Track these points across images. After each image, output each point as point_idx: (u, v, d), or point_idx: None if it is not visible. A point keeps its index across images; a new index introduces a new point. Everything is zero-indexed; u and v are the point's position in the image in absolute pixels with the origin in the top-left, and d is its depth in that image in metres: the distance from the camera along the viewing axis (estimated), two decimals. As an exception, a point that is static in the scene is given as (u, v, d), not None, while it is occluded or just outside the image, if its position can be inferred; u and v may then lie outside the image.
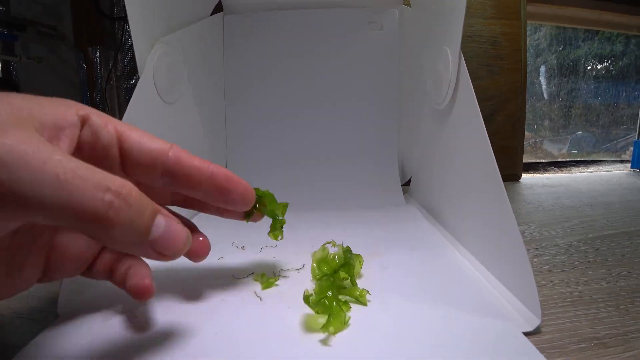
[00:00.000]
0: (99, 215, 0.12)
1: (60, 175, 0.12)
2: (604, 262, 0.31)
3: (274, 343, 0.19)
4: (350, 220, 0.40)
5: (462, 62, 0.31)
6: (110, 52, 0.71)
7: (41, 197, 0.11)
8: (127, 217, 0.13)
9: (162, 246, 0.14)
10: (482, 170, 0.28)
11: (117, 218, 0.13)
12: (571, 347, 0.20)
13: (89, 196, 0.12)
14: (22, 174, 0.11)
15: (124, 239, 0.13)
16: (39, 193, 0.11)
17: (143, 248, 0.14)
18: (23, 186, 0.11)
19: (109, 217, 0.12)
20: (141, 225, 0.14)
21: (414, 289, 0.24)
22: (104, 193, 0.12)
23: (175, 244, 0.15)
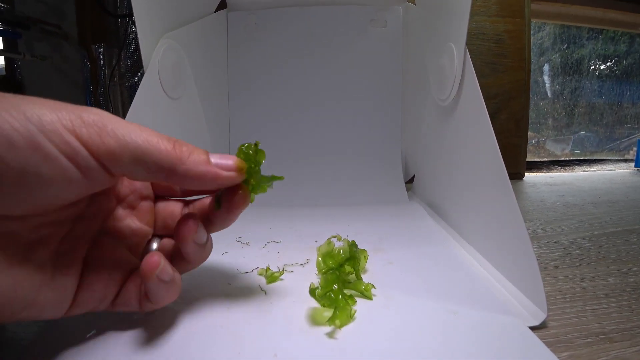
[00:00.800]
0: (169, 150, 0.16)
1: (142, 128, 0.16)
2: (609, 258, 0.31)
3: (280, 336, 0.19)
4: (354, 217, 0.40)
5: (468, 58, 0.31)
6: (113, 49, 0.71)
7: (133, 138, 0.15)
8: (188, 150, 0.17)
9: (225, 165, 0.18)
10: (488, 167, 0.28)
11: (181, 151, 0.17)
12: (578, 341, 0.20)
13: (161, 139, 0.16)
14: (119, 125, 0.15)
15: (195, 168, 0.17)
16: (131, 135, 0.15)
17: (212, 169, 0.18)
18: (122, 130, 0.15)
19: (175, 149, 0.16)
20: (201, 154, 0.17)
21: (419, 285, 0.24)
22: (167, 139, 0.17)
23: (232, 161, 0.18)
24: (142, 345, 0.18)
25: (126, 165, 0.15)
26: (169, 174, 0.16)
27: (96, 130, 0.15)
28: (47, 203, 0.15)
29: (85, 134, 0.14)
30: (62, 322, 0.20)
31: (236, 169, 0.18)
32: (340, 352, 0.17)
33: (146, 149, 0.16)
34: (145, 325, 0.20)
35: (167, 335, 0.19)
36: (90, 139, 0.15)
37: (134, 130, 0.16)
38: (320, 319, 0.20)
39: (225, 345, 0.18)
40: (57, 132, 0.14)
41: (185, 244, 0.19)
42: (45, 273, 0.16)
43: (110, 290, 0.18)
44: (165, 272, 0.18)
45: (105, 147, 0.15)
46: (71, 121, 0.14)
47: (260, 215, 0.41)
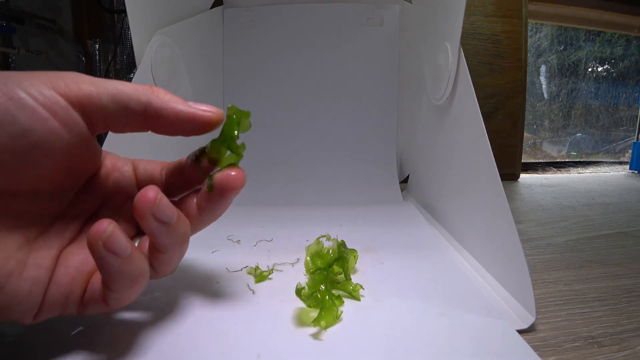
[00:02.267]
0: (147, 90, 0.17)
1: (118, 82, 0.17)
2: (601, 261, 0.31)
3: (265, 336, 0.19)
4: (347, 217, 0.39)
5: (462, 57, 0.31)
6: (109, 45, 0.70)
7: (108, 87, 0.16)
8: (166, 93, 0.18)
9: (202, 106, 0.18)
10: (480, 167, 0.28)
11: (157, 90, 0.17)
12: (565, 345, 0.19)
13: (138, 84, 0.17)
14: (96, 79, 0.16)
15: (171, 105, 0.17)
16: (106, 84, 0.16)
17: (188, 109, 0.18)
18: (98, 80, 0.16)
19: (154, 92, 0.17)
20: (179, 97, 0.18)
21: (408, 286, 0.24)
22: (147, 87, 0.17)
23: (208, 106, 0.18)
24: (126, 343, 0.18)
25: (105, 107, 0.16)
26: (148, 111, 0.17)
27: (73, 80, 0.15)
28: (33, 161, 0.15)
29: (62, 85, 0.15)
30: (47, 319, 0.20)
31: (214, 111, 0.18)
32: (325, 353, 0.17)
33: (122, 89, 0.16)
34: (130, 324, 0.19)
35: (151, 334, 0.18)
36: (68, 88, 0.15)
37: (110, 81, 0.16)
38: (306, 320, 0.20)
39: (209, 345, 0.18)
40: (34, 85, 0.14)
41: (144, 220, 0.16)
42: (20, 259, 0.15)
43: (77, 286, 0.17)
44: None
45: (82, 91, 0.15)
46: (47, 77, 0.15)
47: (252, 214, 0.41)
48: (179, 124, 0.18)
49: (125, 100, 0.16)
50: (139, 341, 0.18)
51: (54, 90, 0.15)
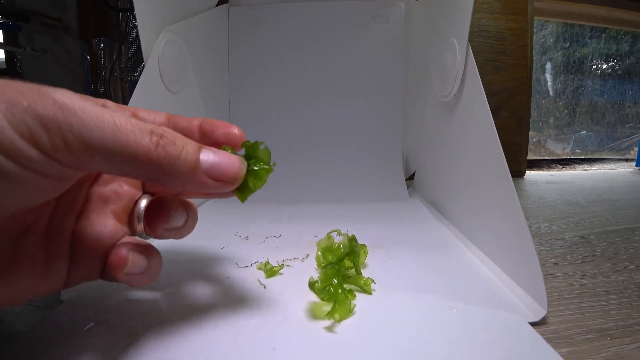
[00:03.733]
0: (149, 153, 0.14)
1: (117, 122, 0.13)
2: (610, 256, 0.31)
3: (279, 330, 0.19)
4: (353, 213, 0.39)
5: (470, 53, 0.31)
6: (114, 43, 0.70)
7: (103, 140, 0.13)
8: (173, 152, 0.14)
9: (218, 172, 0.16)
10: (490, 163, 0.28)
11: (164, 153, 0.14)
12: (578, 337, 0.19)
13: (139, 137, 0.14)
14: (88, 120, 0.13)
15: (179, 174, 0.15)
16: (101, 136, 0.13)
17: (200, 179, 0.15)
18: (90, 130, 0.13)
19: (158, 153, 0.14)
20: (189, 157, 0.15)
21: (419, 280, 0.24)
22: (150, 135, 0.14)
23: (229, 167, 0.16)
24: (139, 338, 0.18)
25: (99, 167, 0.13)
26: (150, 179, 0.15)
27: (56, 131, 0.12)
28: (25, 205, 0.14)
29: (45, 140, 0.12)
30: (59, 315, 0.20)
31: (230, 179, 0.16)
32: (339, 346, 0.17)
33: (120, 154, 0.13)
34: (144, 318, 0.20)
35: (164, 328, 0.19)
36: (51, 145, 0.12)
37: (105, 127, 0.13)
38: (320, 313, 0.20)
39: (223, 339, 0.18)
40: (10, 144, 0.12)
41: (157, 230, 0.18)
42: (38, 263, 0.15)
43: (97, 264, 0.17)
44: (136, 266, 0.17)
45: (69, 151, 0.13)
46: (25, 124, 0.12)
47: (259, 211, 0.41)
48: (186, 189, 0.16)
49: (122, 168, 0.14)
50: (153, 335, 0.18)
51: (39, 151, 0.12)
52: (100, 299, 0.21)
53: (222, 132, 0.19)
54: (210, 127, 0.19)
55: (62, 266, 0.16)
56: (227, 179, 0.16)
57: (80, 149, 0.13)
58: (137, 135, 0.13)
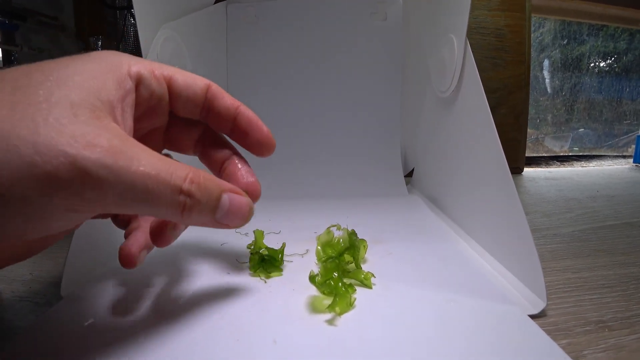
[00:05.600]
0: (175, 213, 0.15)
1: (148, 182, 0.14)
2: (608, 250, 0.31)
3: (279, 323, 0.19)
4: (353, 209, 0.40)
5: (468, 49, 0.31)
6: (112, 42, 0.70)
7: (133, 197, 0.14)
8: (197, 209, 0.15)
9: (228, 220, 0.17)
10: (489, 158, 0.28)
11: (188, 213, 0.15)
12: (576, 329, 0.20)
13: (169, 199, 0.14)
14: (120, 177, 0.13)
15: (194, 222, 0.16)
16: (132, 193, 0.13)
17: (211, 224, 0.17)
18: (120, 187, 0.13)
19: (182, 213, 0.15)
20: (208, 210, 0.16)
21: (418, 274, 0.24)
22: (178, 195, 0.15)
23: (239, 216, 0.17)
24: (140, 333, 0.18)
25: (112, 211, 0.14)
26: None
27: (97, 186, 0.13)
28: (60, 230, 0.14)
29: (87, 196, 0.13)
30: (58, 311, 0.20)
31: (242, 223, 0.18)
32: (340, 339, 0.17)
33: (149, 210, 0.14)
34: (143, 313, 0.20)
35: (165, 323, 0.19)
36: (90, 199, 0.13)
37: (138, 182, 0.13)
38: (320, 307, 0.20)
39: (224, 332, 0.18)
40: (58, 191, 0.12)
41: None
42: None
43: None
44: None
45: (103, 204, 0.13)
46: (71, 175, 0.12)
47: (258, 207, 0.41)
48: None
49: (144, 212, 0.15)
50: (153, 330, 0.18)
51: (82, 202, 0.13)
52: (99, 295, 0.21)
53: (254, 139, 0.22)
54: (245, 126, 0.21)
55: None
56: (234, 225, 0.17)
57: (112, 205, 0.13)
58: (168, 196, 0.14)
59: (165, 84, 0.19)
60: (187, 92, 0.19)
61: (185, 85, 0.19)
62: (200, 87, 0.20)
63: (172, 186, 0.14)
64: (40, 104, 0.13)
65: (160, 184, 0.14)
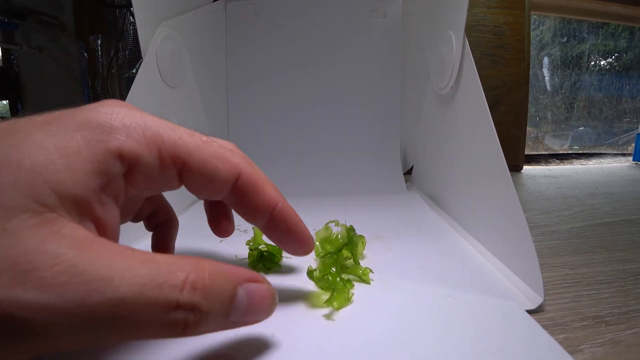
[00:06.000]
0: (173, 333, 0.11)
1: (121, 312, 0.10)
2: (606, 247, 0.31)
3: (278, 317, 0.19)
4: (352, 206, 0.40)
5: (467, 46, 0.31)
6: (111, 41, 0.70)
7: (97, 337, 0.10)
8: (203, 323, 0.11)
9: (247, 320, 0.13)
10: (487, 155, 0.28)
11: (192, 329, 0.11)
12: (574, 324, 0.20)
13: (159, 321, 0.10)
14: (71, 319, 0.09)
15: (202, 333, 0.12)
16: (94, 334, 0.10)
17: (225, 329, 0.13)
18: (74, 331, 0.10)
19: (184, 332, 0.11)
20: (219, 317, 0.12)
21: (417, 270, 0.24)
22: (175, 312, 0.11)
23: (261, 312, 0.14)
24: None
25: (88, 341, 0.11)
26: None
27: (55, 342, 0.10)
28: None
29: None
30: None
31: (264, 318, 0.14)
32: (338, 333, 0.18)
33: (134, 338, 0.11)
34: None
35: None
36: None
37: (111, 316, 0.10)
38: (318, 302, 0.20)
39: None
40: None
41: None
42: None
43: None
44: None
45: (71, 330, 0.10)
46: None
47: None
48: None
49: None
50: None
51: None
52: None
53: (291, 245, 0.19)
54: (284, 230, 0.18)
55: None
56: (254, 322, 0.14)
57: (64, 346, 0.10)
58: (158, 318, 0.10)
59: (173, 167, 0.14)
60: (204, 179, 0.15)
61: (201, 171, 0.15)
62: (226, 174, 0.16)
63: (162, 304, 0.10)
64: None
65: (143, 308, 0.10)
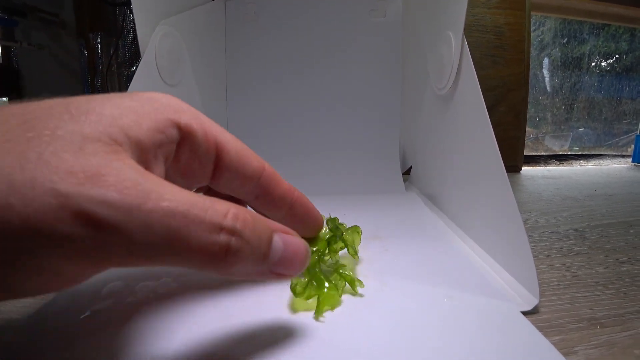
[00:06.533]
0: (215, 260, 0.11)
1: (172, 222, 0.10)
2: (604, 248, 0.31)
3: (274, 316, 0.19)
4: (350, 206, 0.40)
5: (465, 46, 0.31)
6: (111, 38, 0.70)
7: (151, 245, 0.10)
8: (244, 254, 0.12)
9: (283, 268, 0.14)
10: (484, 155, 0.28)
11: (234, 258, 0.12)
12: (569, 326, 0.20)
13: (204, 241, 0.11)
14: (131, 218, 0.10)
15: (242, 272, 0.13)
16: (149, 240, 0.10)
17: (260, 275, 0.13)
18: (131, 232, 0.10)
19: (226, 259, 0.12)
20: (259, 256, 0.13)
21: (413, 271, 0.24)
22: (218, 234, 0.11)
23: (295, 263, 0.14)
24: (135, 326, 0.18)
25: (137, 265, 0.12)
26: None
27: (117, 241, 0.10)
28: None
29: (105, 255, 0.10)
30: (55, 304, 0.20)
31: (299, 271, 0.15)
32: (335, 333, 0.18)
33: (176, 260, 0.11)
34: (139, 307, 0.20)
35: (160, 316, 0.19)
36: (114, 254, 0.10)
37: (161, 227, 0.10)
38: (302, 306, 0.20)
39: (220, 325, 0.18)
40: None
41: None
42: None
43: None
44: None
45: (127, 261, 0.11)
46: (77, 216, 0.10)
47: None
48: None
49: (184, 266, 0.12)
50: (149, 323, 0.18)
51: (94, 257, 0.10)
52: (96, 288, 0.22)
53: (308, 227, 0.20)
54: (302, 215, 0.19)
55: None
56: (290, 273, 0.14)
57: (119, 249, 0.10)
58: (202, 238, 0.11)
59: (214, 150, 0.15)
60: (237, 168, 0.16)
61: (237, 159, 0.16)
62: (255, 167, 0.17)
63: (208, 223, 0.11)
64: (41, 137, 0.10)
65: (191, 222, 0.11)
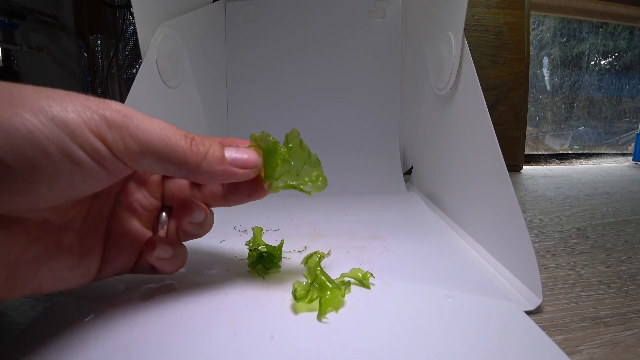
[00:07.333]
0: (186, 151, 0.17)
1: (162, 127, 0.17)
2: (606, 247, 0.31)
3: (277, 319, 0.19)
4: (351, 206, 0.40)
5: (465, 46, 0.31)
6: (111, 41, 0.70)
7: (152, 140, 0.16)
8: (203, 150, 0.18)
9: (242, 161, 0.19)
10: (486, 155, 0.28)
11: (197, 150, 0.17)
12: (572, 325, 0.20)
13: (178, 139, 0.17)
14: (141, 124, 0.16)
15: (210, 167, 0.18)
16: (151, 137, 0.16)
17: (228, 169, 0.18)
18: (143, 132, 0.16)
19: (192, 151, 0.17)
20: (216, 153, 0.18)
21: (415, 270, 0.24)
22: (185, 138, 0.17)
23: (249, 158, 0.19)
24: (139, 330, 0.18)
25: (146, 164, 0.17)
26: (186, 175, 0.18)
27: (118, 132, 0.15)
28: (78, 195, 0.16)
29: (110, 138, 0.15)
30: (59, 307, 0.20)
31: (252, 166, 0.19)
32: (336, 334, 0.18)
33: (165, 153, 0.17)
34: (143, 310, 0.20)
35: (164, 320, 0.19)
36: (115, 143, 0.15)
37: (154, 131, 0.16)
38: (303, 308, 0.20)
39: (222, 327, 0.18)
40: (85, 138, 0.14)
41: (182, 224, 0.21)
42: (73, 256, 0.18)
43: (128, 261, 0.20)
44: (164, 251, 0.20)
45: (127, 150, 0.16)
46: (95, 123, 0.15)
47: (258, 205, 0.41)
48: (215, 181, 0.20)
49: (166, 165, 0.17)
50: (152, 326, 0.18)
51: (102, 144, 0.15)
52: (100, 292, 0.22)
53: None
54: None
55: (94, 261, 0.19)
56: (249, 164, 0.19)
57: (135, 147, 0.16)
58: (177, 137, 0.17)
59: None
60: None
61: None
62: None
63: (178, 132, 0.17)
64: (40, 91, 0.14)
65: (171, 130, 0.17)
